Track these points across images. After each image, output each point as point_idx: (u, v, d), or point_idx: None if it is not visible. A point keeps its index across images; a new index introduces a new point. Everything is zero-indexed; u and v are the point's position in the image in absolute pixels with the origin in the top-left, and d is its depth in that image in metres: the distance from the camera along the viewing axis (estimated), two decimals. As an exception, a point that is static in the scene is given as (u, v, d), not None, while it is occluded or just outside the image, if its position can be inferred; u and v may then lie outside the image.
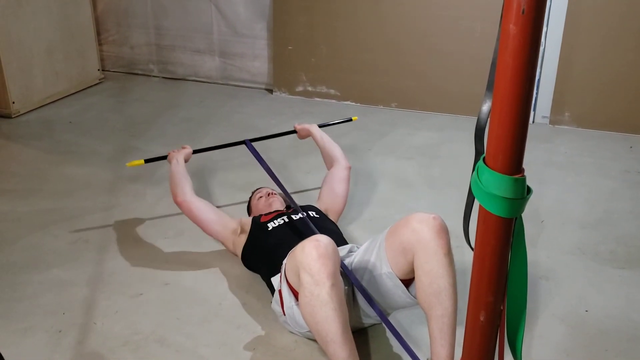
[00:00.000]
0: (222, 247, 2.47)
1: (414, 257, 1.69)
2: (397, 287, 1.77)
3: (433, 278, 1.66)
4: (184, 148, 2.60)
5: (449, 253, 1.68)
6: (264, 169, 2.48)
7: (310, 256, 1.59)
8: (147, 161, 2.58)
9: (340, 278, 1.67)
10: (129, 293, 2.20)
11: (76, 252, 2.45)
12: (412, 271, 1.74)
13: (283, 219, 2.19)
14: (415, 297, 1.77)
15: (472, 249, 1.02)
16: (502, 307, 1.04)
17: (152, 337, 1.96)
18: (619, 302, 2.17)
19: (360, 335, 1.95)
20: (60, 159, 3.38)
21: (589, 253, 2.48)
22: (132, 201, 2.90)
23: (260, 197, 2.50)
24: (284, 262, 1.84)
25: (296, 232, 2.11)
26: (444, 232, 1.70)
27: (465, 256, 2.33)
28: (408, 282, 1.79)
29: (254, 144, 2.72)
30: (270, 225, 2.17)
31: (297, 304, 1.76)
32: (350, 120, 3.00)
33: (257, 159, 2.57)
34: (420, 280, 1.68)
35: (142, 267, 2.36)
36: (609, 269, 2.38)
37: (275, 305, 1.94)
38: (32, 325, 2.02)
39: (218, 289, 2.23)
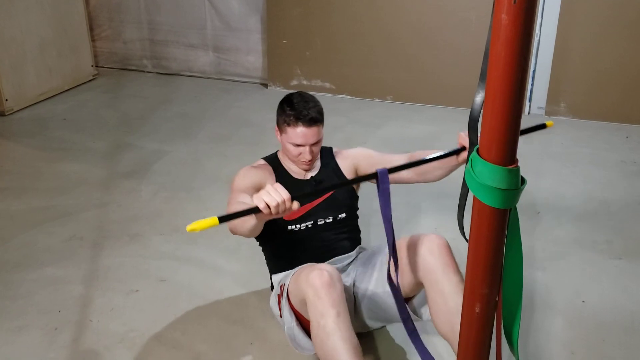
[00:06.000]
0: (219, 244, 2.46)
1: (423, 279, 1.68)
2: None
3: (447, 297, 1.64)
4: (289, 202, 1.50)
5: (457, 271, 1.67)
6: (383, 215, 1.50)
7: (315, 287, 1.59)
8: (222, 220, 1.32)
9: (346, 306, 1.64)
10: (125, 290, 2.18)
11: (71, 250, 2.44)
12: (415, 289, 1.76)
13: (306, 225, 1.90)
14: (414, 313, 1.80)
15: (466, 240, 1.01)
16: (497, 299, 1.04)
17: (148, 334, 1.95)
18: (616, 292, 2.17)
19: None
20: (54, 156, 3.36)
21: (586, 244, 2.48)
22: (126, 198, 2.88)
23: (300, 154, 1.86)
24: (287, 283, 1.81)
25: (312, 241, 1.91)
26: (448, 250, 1.69)
27: (461, 252, 2.33)
28: (408, 299, 1.81)
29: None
30: (290, 228, 1.90)
31: (298, 325, 1.76)
32: (545, 126, 1.73)
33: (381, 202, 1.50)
34: (434, 301, 1.66)
35: (137, 264, 2.34)
36: (605, 259, 2.37)
37: (274, 306, 1.92)
38: (27, 323, 2.01)
39: (214, 285, 2.22)
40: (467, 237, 1.00)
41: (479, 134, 0.93)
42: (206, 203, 2.83)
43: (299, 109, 1.81)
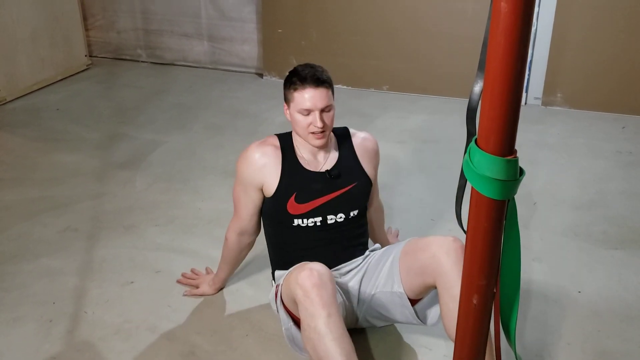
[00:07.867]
0: (214, 235, 2.45)
1: (436, 282, 1.65)
2: (405, 307, 1.77)
3: None
4: None
5: None
6: None
7: (304, 288, 1.54)
8: None
9: (337, 306, 1.58)
10: (120, 281, 2.17)
11: (65, 241, 2.43)
12: (424, 292, 1.74)
13: (314, 221, 1.82)
14: (419, 319, 1.78)
15: (464, 232, 1.00)
16: (495, 290, 1.03)
17: (144, 326, 1.95)
18: (612, 282, 2.17)
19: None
20: (48, 147, 3.34)
21: (582, 234, 2.48)
22: (121, 188, 2.87)
23: (310, 124, 1.76)
24: (280, 283, 1.78)
25: (319, 241, 1.84)
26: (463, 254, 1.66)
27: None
28: (414, 301, 1.79)
29: None
30: (297, 222, 1.82)
31: (295, 326, 1.72)
32: None
33: None
34: (447, 305, 1.62)
35: (132, 255, 2.33)
36: (601, 249, 2.38)
37: (272, 303, 1.90)
38: (21, 315, 2.00)
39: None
40: (465, 228, 1.00)
41: (477, 125, 0.92)
42: (202, 194, 2.82)
43: (304, 73, 1.79)
